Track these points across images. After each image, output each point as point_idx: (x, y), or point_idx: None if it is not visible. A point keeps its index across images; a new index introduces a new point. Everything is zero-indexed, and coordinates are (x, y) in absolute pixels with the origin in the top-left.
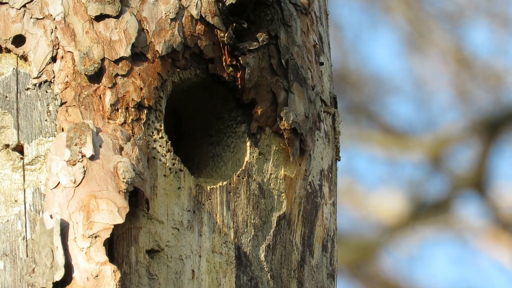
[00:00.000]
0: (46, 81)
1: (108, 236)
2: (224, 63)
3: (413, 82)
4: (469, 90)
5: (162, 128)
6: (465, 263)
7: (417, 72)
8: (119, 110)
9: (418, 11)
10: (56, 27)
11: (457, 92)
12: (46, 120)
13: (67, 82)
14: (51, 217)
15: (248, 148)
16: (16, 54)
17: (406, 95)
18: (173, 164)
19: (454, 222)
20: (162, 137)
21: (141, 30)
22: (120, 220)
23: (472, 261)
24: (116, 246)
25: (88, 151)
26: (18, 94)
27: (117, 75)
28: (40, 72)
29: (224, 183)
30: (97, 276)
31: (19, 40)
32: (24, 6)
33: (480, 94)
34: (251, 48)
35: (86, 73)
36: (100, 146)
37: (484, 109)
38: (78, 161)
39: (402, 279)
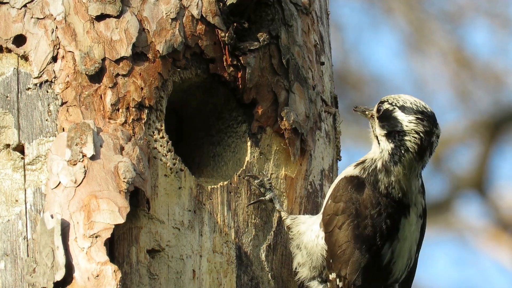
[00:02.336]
0: (46, 81)
1: (109, 236)
2: (225, 63)
3: (414, 82)
4: (470, 90)
5: (163, 128)
6: (465, 263)
7: (417, 73)
8: (120, 110)
9: (419, 12)
10: (56, 27)
11: (457, 92)
12: (46, 120)
13: (67, 82)
14: (52, 217)
15: (248, 148)
16: (16, 54)
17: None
18: (174, 164)
19: (455, 222)
20: (163, 137)
21: (142, 30)
22: (121, 220)
23: (473, 262)
24: (116, 246)
25: (89, 151)
26: (19, 94)
27: (118, 75)
28: (40, 72)
29: (225, 183)
30: (97, 276)
31: (20, 40)
32: (25, 6)
33: (481, 95)
34: (252, 48)
35: (87, 73)
36: (101, 146)
37: (484, 110)
38: (79, 161)
39: None
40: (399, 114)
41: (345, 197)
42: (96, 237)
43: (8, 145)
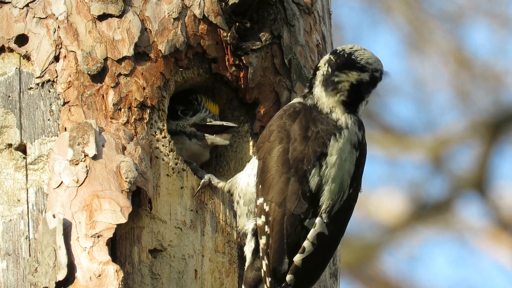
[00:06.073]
0: (49, 80)
1: (111, 235)
2: (227, 63)
3: (413, 82)
4: (469, 90)
5: (165, 127)
6: (465, 263)
7: (417, 73)
8: (122, 110)
9: (418, 12)
10: (59, 27)
11: (457, 92)
12: (48, 120)
13: (70, 81)
14: (54, 216)
15: (251, 147)
16: (19, 53)
17: (406, 95)
18: (176, 164)
19: (455, 222)
20: (165, 137)
21: (144, 30)
22: (123, 220)
23: (472, 261)
24: (119, 245)
25: (91, 150)
26: (21, 94)
27: (120, 74)
28: (43, 72)
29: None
30: (99, 275)
31: (22, 39)
32: (27, 5)
33: (480, 95)
34: (254, 47)
35: (89, 72)
36: (103, 146)
37: (484, 110)
38: (81, 161)
39: (402, 279)
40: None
41: (276, 123)
42: (98, 236)
43: (10, 145)
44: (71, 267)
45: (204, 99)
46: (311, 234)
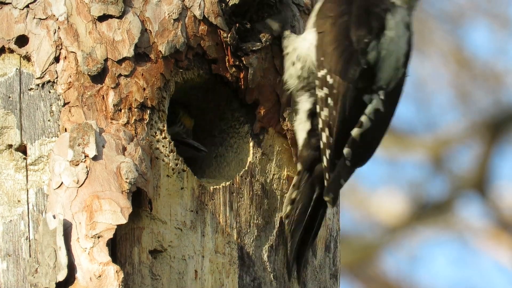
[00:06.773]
0: (49, 81)
1: (111, 236)
2: (227, 64)
3: (414, 82)
4: (470, 90)
5: (165, 128)
6: (465, 263)
7: (417, 73)
8: (122, 111)
9: (418, 12)
10: (59, 27)
11: (457, 92)
12: (49, 121)
13: (70, 82)
14: (54, 217)
15: (251, 148)
16: (19, 54)
17: (407, 96)
18: (176, 165)
19: (455, 222)
20: (165, 138)
21: (144, 31)
22: (123, 221)
23: (473, 262)
24: (119, 246)
25: (91, 151)
26: (21, 95)
27: (120, 75)
28: (43, 73)
29: (227, 183)
30: (100, 276)
31: (22, 40)
32: (27, 6)
33: (481, 95)
34: (254, 48)
35: (89, 73)
36: (103, 147)
37: (484, 110)
38: (81, 162)
39: (403, 279)
40: None
41: None
42: (99, 237)
43: (10, 146)
44: (71, 268)
45: (182, 112)
46: (369, 109)
